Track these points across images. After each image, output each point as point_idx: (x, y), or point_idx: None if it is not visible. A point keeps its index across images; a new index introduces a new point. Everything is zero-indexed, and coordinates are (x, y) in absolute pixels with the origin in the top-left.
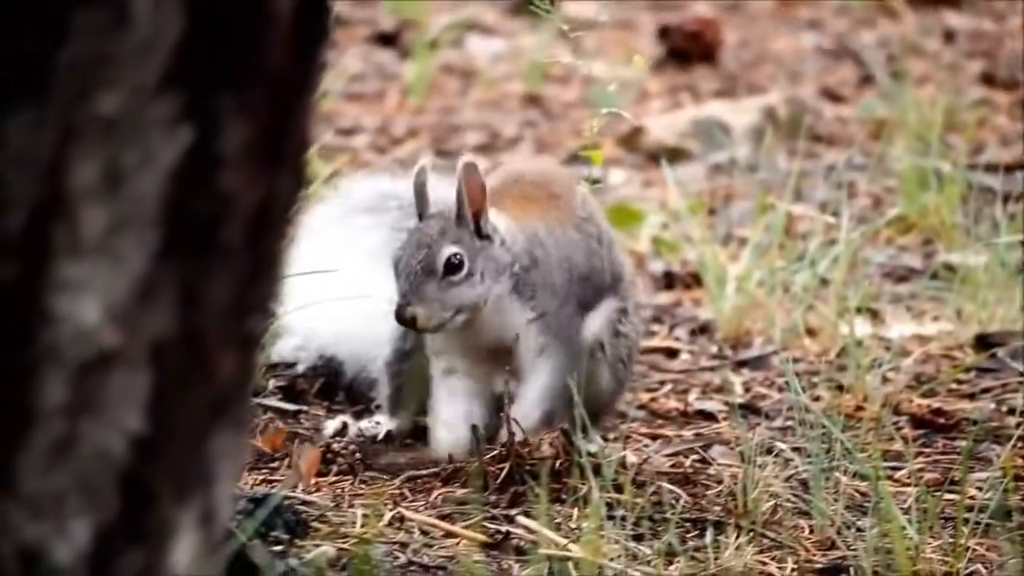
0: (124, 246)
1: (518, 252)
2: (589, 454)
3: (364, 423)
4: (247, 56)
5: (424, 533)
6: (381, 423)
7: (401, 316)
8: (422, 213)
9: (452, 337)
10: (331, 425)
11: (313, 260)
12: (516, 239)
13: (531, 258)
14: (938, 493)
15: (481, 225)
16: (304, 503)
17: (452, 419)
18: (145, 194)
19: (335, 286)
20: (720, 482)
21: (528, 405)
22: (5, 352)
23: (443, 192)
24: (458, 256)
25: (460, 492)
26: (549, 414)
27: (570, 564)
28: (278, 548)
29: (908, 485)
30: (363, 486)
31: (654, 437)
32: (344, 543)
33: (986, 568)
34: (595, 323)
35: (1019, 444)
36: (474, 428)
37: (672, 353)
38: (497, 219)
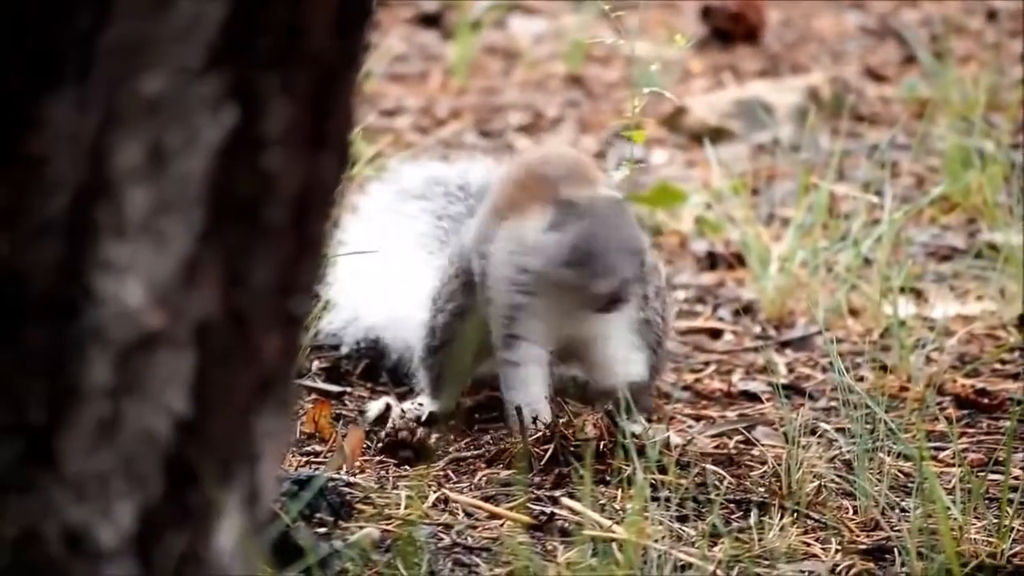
0: (168, 227)
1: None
2: (633, 435)
3: (407, 404)
4: (290, 36)
5: (468, 515)
6: (424, 405)
7: (621, 296)
8: (571, 200)
9: (543, 319)
10: (374, 407)
11: (361, 243)
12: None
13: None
14: (982, 473)
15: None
16: (348, 485)
17: (534, 401)
18: (189, 175)
19: (380, 268)
20: (764, 463)
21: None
22: (50, 333)
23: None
24: (646, 247)
25: (504, 473)
26: (648, 408)
27: (614, 545)
28: (322, 530)
29: (952, 465)
30: (407, 467)
31: (698, 418)
32: (388, 525)
33: None
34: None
35: None
36: (518, 410)
37: (716, 334)
38: None
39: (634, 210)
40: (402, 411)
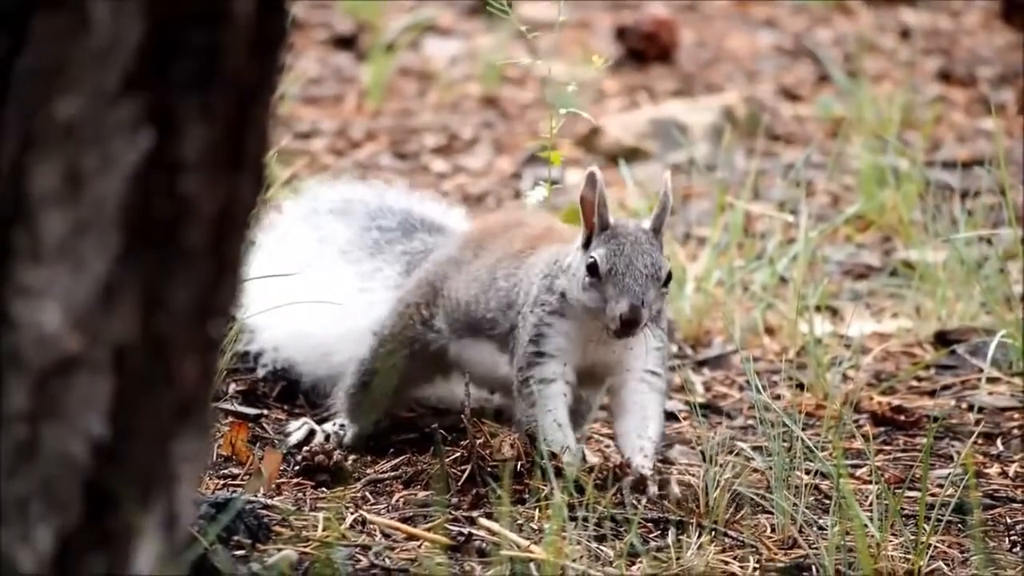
0: (85, 251)
1: None
2: (551, 455)
3: (329, 427)
4: (207, 59)
5: (386, 536)
6: (345, 426)
7: (635, 317)
8: (606, 223)
9: (571, 343)
10: (296, 430)
11: (281, 259)
12: None
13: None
14: (899, 490)
15: (663, 241)
16: (266, 507)
17: (559, 426)
18: (106, 198)
19: (297, 289)
20: (682, 482)
21: (653, 435)
22: None
23: (395, 198)
24: (670, 271)
25: (422, 494)
26: (658, 447)
27: (532, 565)
28: (240, 552)
29: (869, 483)
30: (324, 489)
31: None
32: (306, 547)
33: (947, 565)
34: None
35: (979, 440)
36: (435, 430)
37: None
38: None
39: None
40: (324, 434)
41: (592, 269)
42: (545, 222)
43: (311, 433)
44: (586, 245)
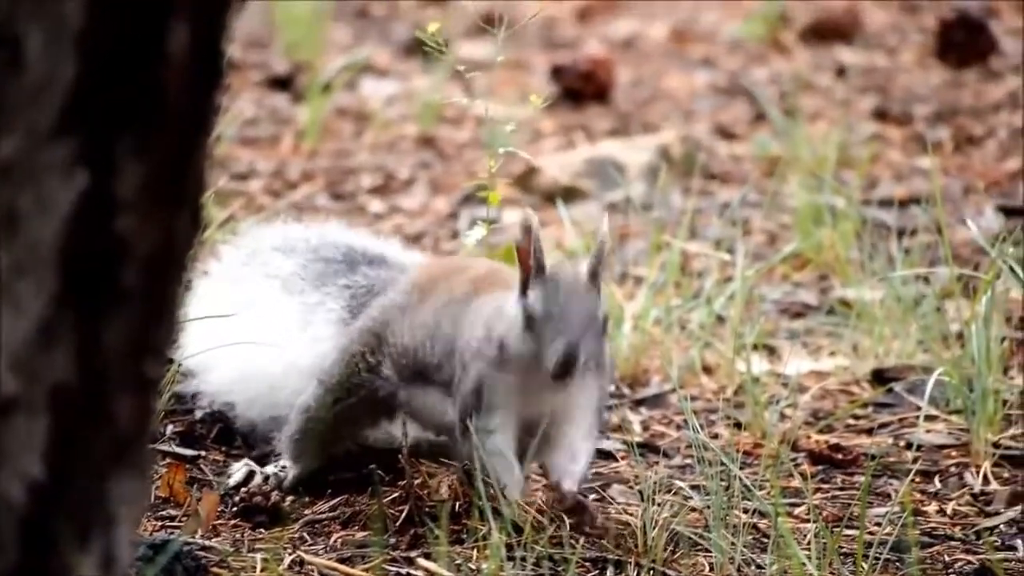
0: (22, 291)
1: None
2: (489, 495)
3: (270, 468)
4: (142, 98)
5: None
6: (287, 467)
7: (570, 364)
8: (542, 265)
9: (515, 396)
10: (237, 472)
11: (223, 297)
12: None
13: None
14: (837, 529)
15: (599, 286)
16: (204, 548)
17: (514, 464)
18: (42, 239)
19: (240, 327)
20: (620, 521)
21: (581, 465)
22: None
23: (336, 233)
24: (606, 315)
25: (360, 535)
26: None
27: None
28: None
29: (807, 521)
30: (262, 530)
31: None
32: None
33: None
34: None
35: (917, 478)
36: (373, 471)
37: None
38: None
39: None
40: (264, 476)
41: (528, 317)
42: (488, 266)
43: (251, 474)
44: (523, 292)
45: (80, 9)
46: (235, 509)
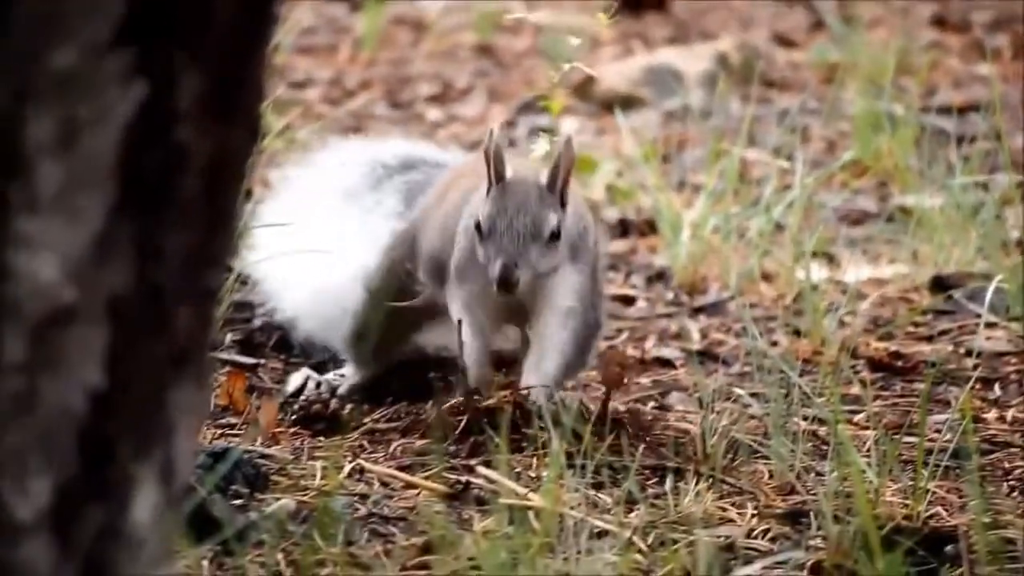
0: (81, 202)
1: (576, 219)
2: (549, 403)
3: (329, 375)
4: (199, 9)
5: (384, 484)
6: (346, 376)
7: (507, 278)
8: (501, 177)
9: (489, 298)
10: (294, 379)
11: (286, 207)
12: (580, 211)
13: (584, 225)
14: (897, 436)
15: (565, 195)
16: (263, 456)
17: (479, 355)
18: (101, 150)
19: (301, 236)
20: (680, 429)
21: (546, 372)
22: None
23: (395, 144)
24: (559, 225)
25: (419, 443)
26: (559, 382)
27: (531, 513)
28: (238, 502)
29: (867, 428)
30: (322, 438)
31: None
32: (304, 496)
33: (946, 510)
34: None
35: (977, 386)
36: (432, 379)
37: (629, 301)
38: (571, 197)
39: (576, 192)
40: (317, 384)
41: (478, 227)
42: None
43: (307, 380)
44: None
45: None
46: (295, 417)
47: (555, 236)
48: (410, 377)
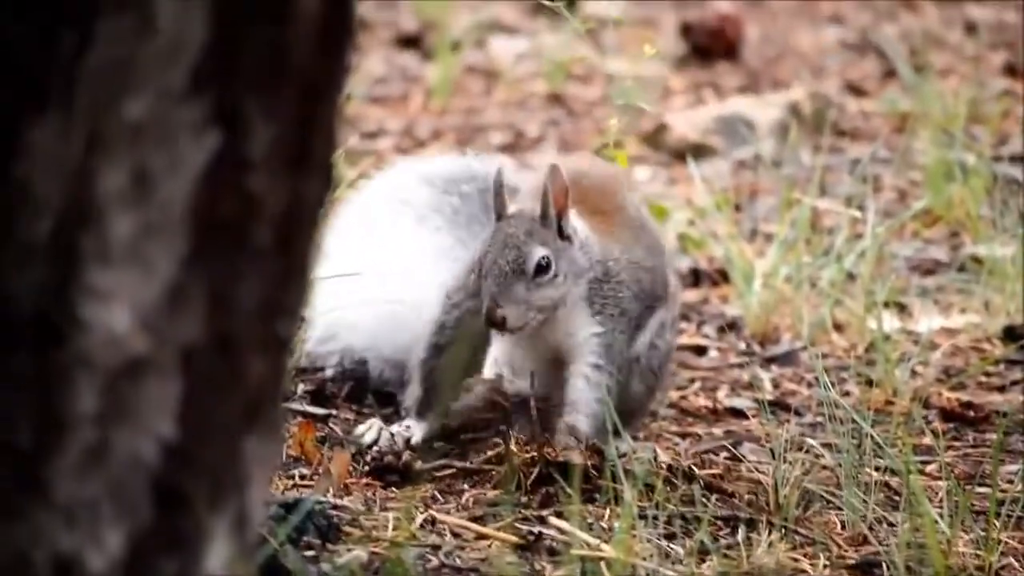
0: (153, 252)
1: (595, 260)
2: (620, 455)
3: (395, 428)
4: (273, 58)
5: (456, 535)
6: (412, 427)
7: (491, 318)
8: (501, 213)
9: (513, 342)
10: (365, 431)
11: (359, 221)
12: (593, 245)
13: (606, 271)
14: (969, 486)
15: (563, 226)
16: (335, 507)
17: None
18: (173, 199)
19: (367, 285)
20: (751, 479)
21: (580, 427)
22: (36, 359)
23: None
24: (547, 258)
25: (491, 493)
26: (590, 438)
27: (603, 564)
28: (310, 553)
29: (939, 479)
30: (394, 489)
31: (684, 435)
32: (376, 547)
33: (1018, 561)
34: (640, 340)
35: None
36: (504, 430)
37: (701, 350)
38: (576, 221)
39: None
40: (391, 435)
41: (474, 266)
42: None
43: (379, 432)
44: None
45: None
46: (367, 468)
47: (543, 270)
48: (481, 426)
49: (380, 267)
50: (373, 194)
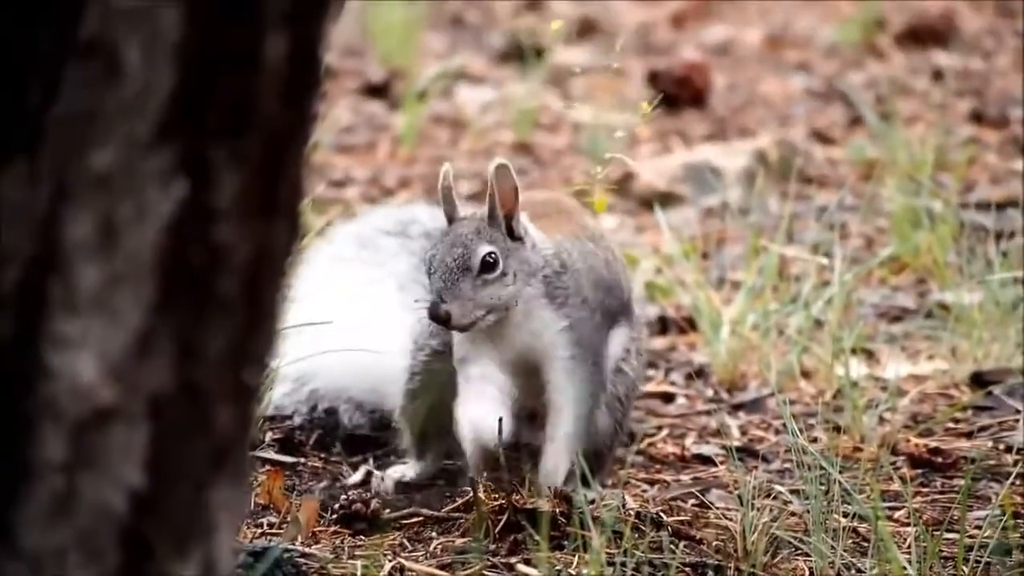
0: (120, 301)
1: (549, 256)
2: (588, 501)
3: (391, 470)
4: (240, 107)
5: None
6: (410, 465)
7: (435, 313)
8: (452, 216)
9: (481, 344)
10: (356, 476)
11: (333, 282)
12: (545, 244)
13: (561, 263)
14: (937, 532)
15: (513, 226)
16: (304, 555)
17: (478, 416)
18: (140, 248)
19: (338, 330)
20: (720, 526)
21: (557, 453)
22: (3, 407)
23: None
24: (492, 255)
25: (460, 541)
26: (582, 439)
27: None
28: None
29: (907, 525)
30: (362, 537)
31: (652, 482)
32: None
33: None
34: (614, 346)
35: (1017, 482)
36: (471, 478)
37: (668, 397)
38: (528, 223)
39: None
40: (383, 477)
41: (425, 264)
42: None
43: (369, 475)
44: None
45: (178, 20)
46: (335, 516)
47: (490, 267)
48: (446, 472)
49: (346, 315)
50: (337, 244)
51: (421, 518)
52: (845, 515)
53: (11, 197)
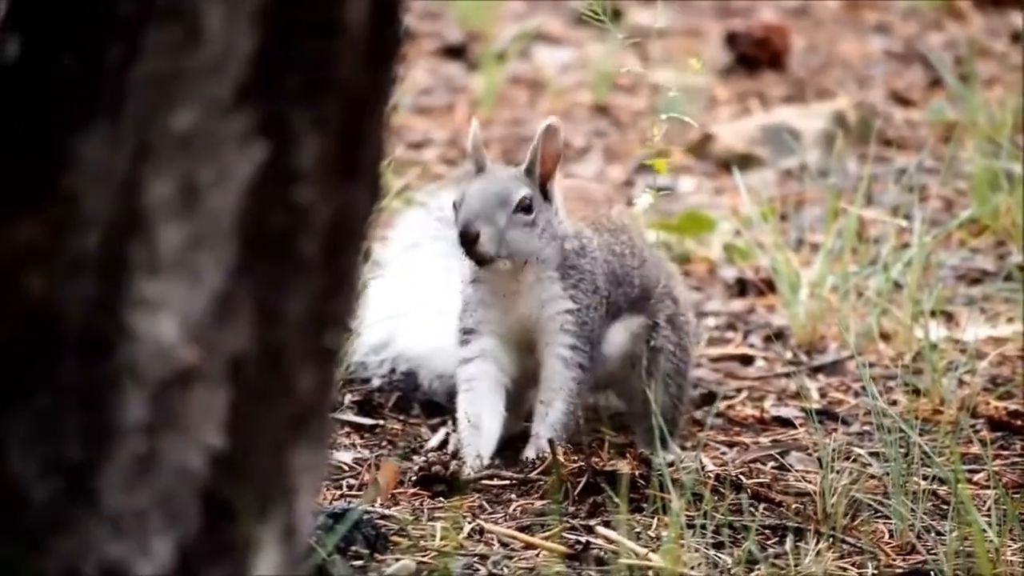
0: (201, 263)
1: (571, 232)
2: (667, 464)
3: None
4: (320, 69)
5: (504, 545)
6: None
7: (466, 231)
8: (481, 166)
9: (488, 309)
10: (436, 438)
11: (397, 271)
12: (568, 221)
13: (581, 244)
14: (1017, 495)
15: (548, 187)
16: (383, 517)
17: (475, 420)
18: (221, 210)
19: (416, 297)
20: (799, 489)
21: (552, 422)
22: (86, 370)
23: None
24: (528, 199)
25: (539, 503)
26: (568, 427)
27: (651, 573)
28: (358, 563)
29: (987, 487)
30: (441, 499)
31: (731, 445)
32: (424, 557)
33: None
34: (619, 336)
35: None
36: (551, 441)
37: (747, 360)
38: (558, 195)
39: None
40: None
41: (454, 205)
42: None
43: (447, 437)
44: None
45: None
46: (414, 478)
47: (526, 210)
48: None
49: (428, 280)
50: (415, 243)
51: (501, 480)
52: (924, 478)
53: (92, 160)
